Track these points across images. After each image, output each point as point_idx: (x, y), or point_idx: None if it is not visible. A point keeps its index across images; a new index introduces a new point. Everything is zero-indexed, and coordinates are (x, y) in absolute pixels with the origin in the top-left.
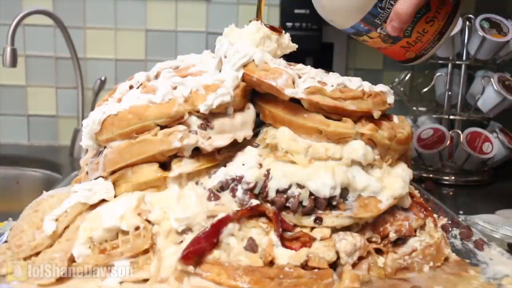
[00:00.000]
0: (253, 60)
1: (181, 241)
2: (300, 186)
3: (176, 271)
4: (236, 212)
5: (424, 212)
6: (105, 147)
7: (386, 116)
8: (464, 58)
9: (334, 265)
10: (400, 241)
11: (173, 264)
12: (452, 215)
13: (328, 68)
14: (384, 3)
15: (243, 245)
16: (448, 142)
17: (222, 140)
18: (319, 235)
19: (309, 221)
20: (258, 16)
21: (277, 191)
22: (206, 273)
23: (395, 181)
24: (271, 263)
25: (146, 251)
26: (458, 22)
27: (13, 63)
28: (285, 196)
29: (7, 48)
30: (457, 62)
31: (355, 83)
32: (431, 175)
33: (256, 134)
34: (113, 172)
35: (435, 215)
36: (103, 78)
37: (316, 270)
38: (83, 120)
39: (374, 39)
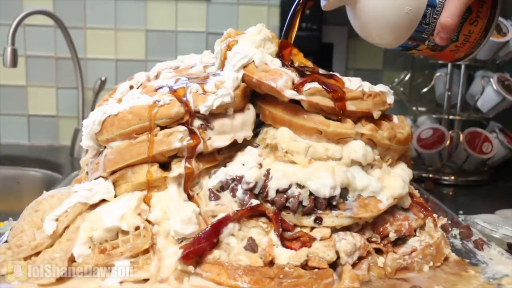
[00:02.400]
0: (253, 61)
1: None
2: (300, 186)
3: (176, 271)
4: (236, 212)
5: (424, 212)
6: (105, 147)
7: (386, 116)
8: None
9: (334, 265)
10: (400, 241)
11: (173, 264)
12: (452, 215)
13: (328, 68)
14: (428, 18)
15: (243, 245)
16: (448, 142)
17: (222, 141)
18: (319, 235)
19: (309, 221)
20: (289, 38)
21: (277, 191)
22: (206, 273)
23: (395, 181)
24: (271, 263)
25: (146, 251)
26: None
27: (14, 63)
28: (285, 196)
29: (7, 48)
30: (457, 62)
31: (354, 83)
32: (431, 175)
33: (256, 134)
34: (113, 172)
35: (434, 215)
36: (103, 78)
37: (316, 270)
38: (83, 120)
39: (422, 50)
